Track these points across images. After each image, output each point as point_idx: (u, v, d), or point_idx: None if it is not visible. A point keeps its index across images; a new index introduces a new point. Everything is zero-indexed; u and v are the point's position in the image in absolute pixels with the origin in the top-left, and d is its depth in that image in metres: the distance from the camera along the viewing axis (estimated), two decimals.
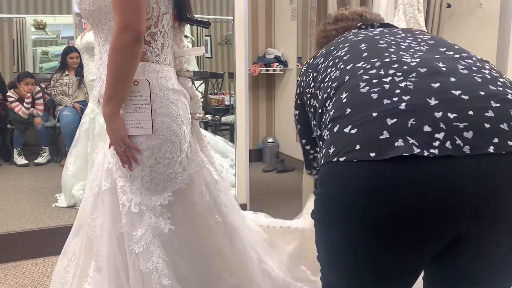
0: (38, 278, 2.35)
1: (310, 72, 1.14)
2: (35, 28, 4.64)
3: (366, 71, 0.91)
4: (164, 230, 1.35)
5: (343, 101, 0.89)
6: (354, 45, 1.03)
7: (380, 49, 0.97)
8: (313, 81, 1.09)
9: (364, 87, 0.87)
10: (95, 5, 1.28)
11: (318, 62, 1.12)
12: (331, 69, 1.02)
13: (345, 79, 0.93)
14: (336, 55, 1.05)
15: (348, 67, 0.96)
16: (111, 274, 1.35)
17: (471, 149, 0.75)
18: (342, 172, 0.81)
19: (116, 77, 1.24)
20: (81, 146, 3.21)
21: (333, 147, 0.83)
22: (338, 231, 0.84)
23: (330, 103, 0.94)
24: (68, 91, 4.00)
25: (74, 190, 3.19)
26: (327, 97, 0.97)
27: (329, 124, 0.89)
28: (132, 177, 1.35)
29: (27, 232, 2.66)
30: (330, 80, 0.99)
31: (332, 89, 0.95)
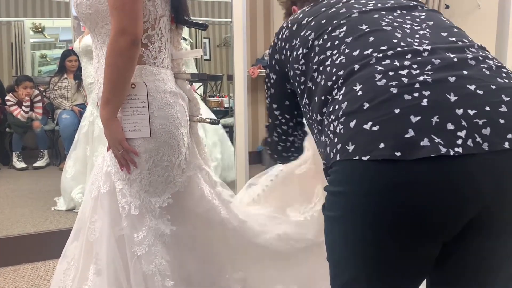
0: (37, 282, 2.34)
1: (296, 43, 1.07)
2: (34, 32, 4.65)
3: (379, 61, 0.87)
4: (166, 231, 1.35)
5: (357, 93, 0.85)
6: (354, 25, 0.98)
7: (386, 34, 0.93)
8: (304, 58, 1.03)
9: (381, 79, 0.84)
10: (92, 8, 1.28)
11: (306, 35, 1.04)
12: (332, 51, 0.96)
13: (355, 68, 0.89)
14: (334, 35, 0.98)
15: (355, 53, 0.92)
16: (110, 277, 1.35)
17: (489, 146, 0.76)
18: (366, 171, 0.79)
19: (113, 81, 1.24)
20: (80, 149, 3.21)
21: (352, 144, 0.80)
22: (363, 230, 0.83)
23: (339, 93, 0.89)
24: (66, 94, 4.00)
25: (73, 193, 3.19)
26: (332, 85, 0.92)
27: (341, 118, 0.85)
28: (131, 180, 1.35)
29: (26, 235, 2.65)
30: (334, 66, 0.93)
31: (339, 77, 0.91)
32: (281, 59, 1.13)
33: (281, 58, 1.12)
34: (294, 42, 1.07)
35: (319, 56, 0.98)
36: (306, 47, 1.02)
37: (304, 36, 1.04)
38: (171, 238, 1.36)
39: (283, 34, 1.13)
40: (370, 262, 0.85)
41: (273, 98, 1.22)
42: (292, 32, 1.10)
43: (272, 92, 1.21)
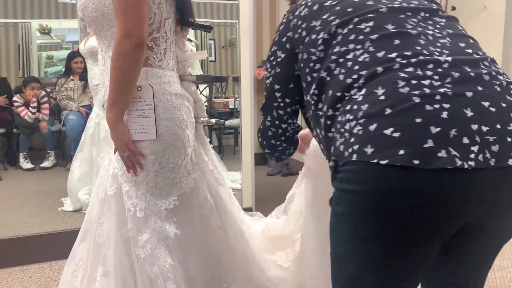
0: (45, 282, 2.36)
1: (316, 25, 1.04)
2: (40, 33, 4.67)
3: (402, 68, 0.89)
4: (170, 234, 1.35)
5: (379, 97, 0.86)
6: (380, 23, 0.97)
7: (411, 39, 0.95)
8: (324, 44, 1.01)
9: (404, 87, 0.86)
10: (97, 11, 1.29)
11: (329, 20, 1.02)
12: (356, 46, 0.96)
13: (378, 70, 0.90)
14: (359, 28, 0.97)
15: (379, 55, 0.92)
16: (118, 279, 1.36)
17: (496, 162, 0.81)
18: (383, 174, 0.82)
19: (119, 83, 1.25)
20: (86, 150, 3.23)
21: (372, 147, 0.83)
22: (373, 228, 0.87)
23: (358, 93, 0.90)
24: (73, 95, 4.03)
25: (80, 194, 3.20)
26: (352, 83, 0.92)
27: (361, 119, 0.87)
28: (137, 182, 1.35)
29: (33, 236, 2.67)
30: (356, 63, 0.94)
31: (360, 76, 0.91)
32: (294, 38, 1.09)
33: (295, 37, 1.08)
34: (314, 24, 1.04)
35: (340, 46, 0.97)
36: (328, 32, 1.00)
37: (327, 20, 1.02)
38: (175, 241, 1.36)
39: (301, 12, 1.09)
40: (376, 258, 0.89)
41: (276, 77, 1.15)
42: (312, 11, 1.06)
43: (276, 71, 1.14)
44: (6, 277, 2.41)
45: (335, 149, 0.92)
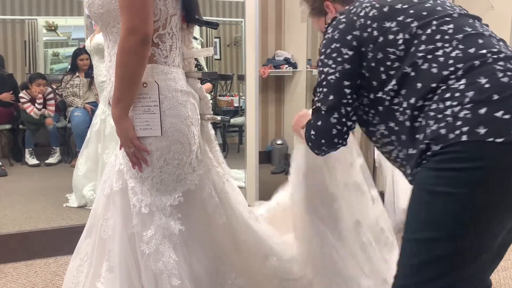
0: (50, 277, 2.37)
1: (391, 26, 1.13)
2: (47, 30, 4.69)
3: (495, 61, 1.03)
4: (174, 230, 1.36)
5: (484, 86, 0.99)
6: (459, 25, 1.11)
7: (488, 39, 1.09)
8: (405, 44, 1.11)
9: (503, 77, 1.00)
10: (104, 8, 1.29)
11: (407, 22, 1.12)
12: (444, 44, 1.08)
13: (475, 64, 1.03)
14: (442, 29, 1.10)
15: (470, 51, 1.05)
16: (123, 274, 1.36)
17: None
18: (499, 151, 0.95)
19: (124, 80, 1.25)
20: (91, 147, 3.24)
21: (484, 128, 0.95)
22: (495, 197, 0.97)
23: (457, 83, 1.02)
24: (78, 92, 4.04)
25: (85, 190, 3.22)
26: (449, 75, 1.03)
27: (467, 104, 0.98)
28: (143, 178, 1.36)
29: (38, 231, 2.69)
30: (449, 58, 1.05)
31: (458, 69, 1.03)
32: (362, 37, 1.16)
33: (363, 35, 1.16)
34: (387, 25, 1.14)
35: (427, 45, 1.09)
36: (408, 33, 1.11)
37: (404, 22, 1.13)
38: (180, 237, 1.36)
39: (368, 13, 1.17)
40: (481, 231, 1.00)
41: (345, 74, 1.18)
42: (383, 13, 1.16)
43: (345, 68, 1.18)
44: (12, 271, 2.43)
45: (431, 133, 1.01)
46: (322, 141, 1.24)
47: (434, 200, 1.01)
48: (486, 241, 1.02)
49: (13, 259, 2.54)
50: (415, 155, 1.06)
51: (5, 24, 4.51)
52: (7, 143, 4.34)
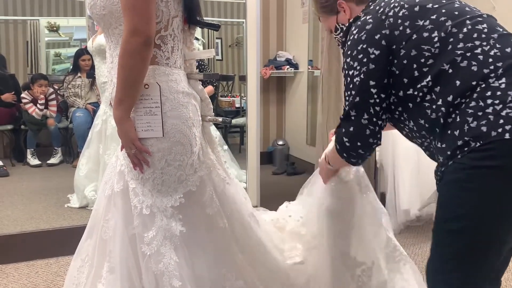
0: (51, 277, 2.38)
1: (425, 25, 1.15)
2: (49, 30, 4.71)
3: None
4: (175, 232, 1.36)
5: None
6: (492, 25, 1.15)
7: (510, 41, 1.12)
8: (441, 41, 1.13)
9: None
10: (106, 9, 1.29)
11: (441, 20, 1.14)
12: (482, 42, 1.10)
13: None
14: (478, 28, 1.13)
15: (507, 50, 1.08)
16: (123, 275, 1.36)
17: None
18: None
19: (126, 81, 1.25)
20: (93, 147, 3.24)
21: None
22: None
23: (497, 81, 1.05)
24: (80, 92, 4.05)
25: (86, 191, 3.22)
26: (489, 73, 1.06)
27: (510, 103, 1.01)
28: (144, 179, 1.36)
29: (40, 232, 2.69)
30: (488, 56, 1.08)
31: (497, 68, 1.06)
32: (393, 35, 1.17)
33: (394, 34, 1.17)
34: (422, 23, 1.16)
35: (465, 43, 1.11)
36: (443, 31, 1.13)
37: (438, 20, 1.15)
38: (181, 238, 1.36)
39: (398, 12, 1.19)
40: (508, 226, 1.05)
41: (370, 74, 1.18)
42: (415, 12, 1.18)
43: (370, 68, 1.18)
44: (13, 272, 2.44)
45: (471, 130, 1.03)
46: (358, 144, 1.24)
47: (466, 195, 1.04)
48: (509, 237, 1.07)
49: (15, 259, 2.55)
50: (446, 149, 1.08)
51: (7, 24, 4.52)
52: (9, 143, 4.35)
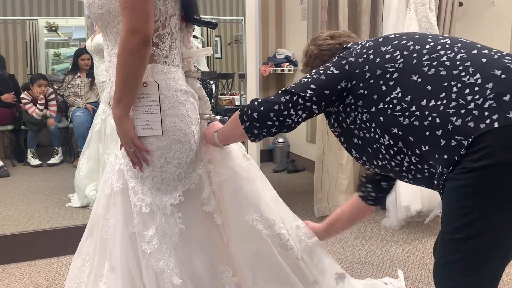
0: (53, 277, 2.38)
1: (389, 50, 1.27)
2: (48, 30, 4.70)
3: (501, 57, 1.12)
4: (175, 229, 1.36)
5: (501, 76, 1.07)
6: (454, 39, 1.24)
7: (483, 46, 1.20)
8: (403, 58, 1.24)
9: (502, 74, 1.08)
10: (103, 8, 1.29)
11: (403, 43, 1.26)
12: (446, 51, 1.19)
13: (483, 60, 1.12)
14: (440, 42, 1.22)
15: (474, 52, 1.16)
16: (124, 274, 1.37)
17: None
18: None
19: (124, 79, 1.26)
20: (93, 147, 3.25)
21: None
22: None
23: (473, 78, 1.09)
24: (80, 92, 4.05)
25: (87, 190, 3.23)
26: (459, 73, 1.12)
27: (490, 95, 1.04)
28: (143, 178, 1.36)
29: (41, 231, 2.69)
30: (455, 60, 1.16)
31: (466, 67, 1.12)
32: (357, 61, 1.31)
33: (358, 61, 1.31)
34: (384, 48, 1.29)
35: (430, 55, 1.20)
36: (405, 50, 1.25)
37: (400, 44, 1.28)
38: (181, 236, 1.37)
39: (365, 44, 1.35)
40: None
41: (316, 81, 1.32)
42: (378, 42, 1.33)
43: (321, 78, 1.32)
44: (15, 272, 2.44)
45: (457, 128, 1.06)
46: (261, 109, 1.31)
47: (470, 201, 1.05)
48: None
49: (16, 259, 2.55)
50: (434, 151, 1.12)
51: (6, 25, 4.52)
52: (10, 143, 4.35)
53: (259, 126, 1.32)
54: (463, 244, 1.09)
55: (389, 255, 2.58)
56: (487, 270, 1.10)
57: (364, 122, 1.29)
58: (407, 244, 2.73)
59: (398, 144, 1.22)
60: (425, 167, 1.20)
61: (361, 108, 1.28)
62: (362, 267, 2.44)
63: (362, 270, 2.41)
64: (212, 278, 1.41)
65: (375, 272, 2.38)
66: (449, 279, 1.12)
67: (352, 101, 1.31)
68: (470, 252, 1.08)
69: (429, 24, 3.02)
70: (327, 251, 2.65)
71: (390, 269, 2.40)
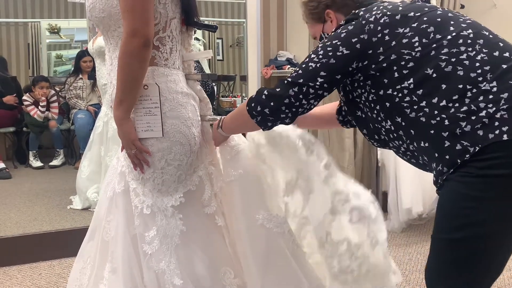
0: (54, 279, 2.38)
1: (405, 32, 1.18)
2: (50, 32, 4.72)
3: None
4: (176, 231, 1.37)
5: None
6: (478, 31, 1.17)
7: (506, 42, 1.17)
8: (422, 47, 1.16)
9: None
10: (105, 12, 1.30)
11: (423, 27, 1.17)
12: (467, 48, 1.13)
13: (503, 66, 1.09)
14: (462, 34, 1.15)
15: (495, 54, 1.11)
16: (126, 275, 1.37)
17: None
18: None
19: (125, 82, 1.26)
20: (95, 149, 3.25)
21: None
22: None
23: (489, 85, 1.07)
24: (82, 94, 4.06)
25: (89, 193, 3.23)
26: (477, 77, 1.09)
27: (504, 106, 1.04)
28: (144, 180, 1.37)
29: (43, 234, 2.70)
30: (475, 61, 1.11)
31: (485, 72, 1.09)
32: (370, 41, 1.20)
33: (371, 40, 1.20)
34: (401, 30, 1.19)
35: (450, 49, 1.13)
36: (425, 37, 1.16)
37: (420, 28, 1.18)
38: (182, 237, 1.37)
39: (380, 19, 1.22)
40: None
41: (326, 67, 1.23)
42: (396, 20, 1.21)
43: (330, 62, 1.22)
44: (16, 274, 2.45)
45: (465, 134, 1.06)
46: (271, 104, 1.25)
47: (471, 204, 1.06)
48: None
49: (18, 261, 2.56)
50: (433, 150, 1.12)
51: (8, 27, 4.54)
52: (11, 145, 4.36)
53: (273, 119, 1.28)
54: (459, 245, 1.10)
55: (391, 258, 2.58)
56: (479, 274, 1.11)
57: (369, 102, 1.25)
58: (408, 247, 2.73)
59: (398, 132, 1.21)
60: (419, 157, 1.21)
61: (369, 87, 1.24)
62: None
63: None
64: (213, 279, 1.41)
65: None
66: (442, 280, 1.14)
67: (361, 78, 1.25)
68: (465, 253, 1.09)
69: None
70: None
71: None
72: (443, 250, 1.13)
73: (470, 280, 1.11)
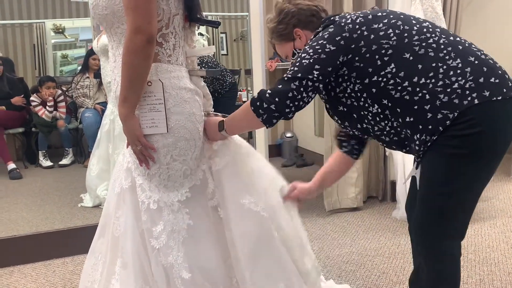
0: (68, 276, 2.42)
1: (381, 27, 1.38)
2: (55, 32, 4.74)
3: (470, 45, 1.37)
4: (183, 225, 1.38)
5: (475, 62, 1.31)
6: (433, 24, 1.43)
7: (454, 33, 1.53)
8: (397, 36, 1.37)
9: (482, 55, 1.35)
10: (108, 9, 1.31)
11: (392, 22, 1.39)
12: (431, 35, 1.37)
13: (459, 47, 1.35)
14: (424, 26, 1.39)
15: (451, 38, 1.37)
16: (136, 270, 1.39)
17: None
18: (503, 106, 1.28)
19: (130, 79, 1.27)
20: (102, 147, 3.27)
21: (487, 91, 1.27)
22: (501, 148, 1.32)
23: (455, 62, 1.31)
24: (89, 93, 4.08)
25: (99, 190, 3.26)
26: (444, 56, 1.33)
27: (470, 77, 1.29)
28: (150, 175, 1.38)
29: (55, 232, 2.73)
30: (439, 44, 1.35)
31: (448, 52, 1.34)
32: (351, 37, 1.39)
33: (353, 36, 1.39)
34: (376, 26, 1.39)
35: (419, 36, 1.36)
36: (397, 29, 1.38)
37: (390, 22, 1.40)
38: (188, 231, 1.39)
39: (355, 20, 1.41)
40: (492, 172, 1.36)
41: (319, 61, 1.37)
42: (369, 19, 1.41)
43: (321, 57, 1.37)
44: (31, 272, 2.48)
45: (444, 104, 1.28)
46: (276, 100, 1.35)
47: (457, 161, 1.30)
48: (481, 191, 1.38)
49: (32, 259, 2.59)
50: (417, 122, 1.32)
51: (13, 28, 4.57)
52: (21, 146, 4.40)
53: (278, 115, 1.37)
54: (446, 198, 1.34)
55: (400, 247, 2.58)
56: (462, 220, 1.39)
57: (355, 92, 1.41)
58: None
59: (385, 112, 1.38)
60: (402, 131, 1.38)
61: (354, 79, 1.40)
62: (373, 260, 2.44)
63: (374, 262, 2.41)
64: (221, 272, 1.43)
65: (386, 264, 2.38)
66: (428, 229, 1.40)
67: (345, 72, 1.40)
68: (453, 204, 1.35)
69: (435, 13, 2.99)
70: (338, 244, 2.66)
71: (402, 261, 2.40)
72: (433, 204, 1.37)
73: (458, 225, 1.39)
